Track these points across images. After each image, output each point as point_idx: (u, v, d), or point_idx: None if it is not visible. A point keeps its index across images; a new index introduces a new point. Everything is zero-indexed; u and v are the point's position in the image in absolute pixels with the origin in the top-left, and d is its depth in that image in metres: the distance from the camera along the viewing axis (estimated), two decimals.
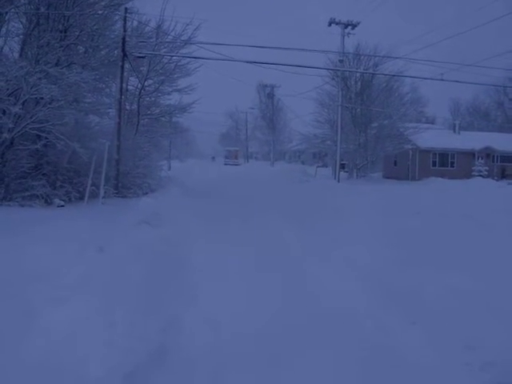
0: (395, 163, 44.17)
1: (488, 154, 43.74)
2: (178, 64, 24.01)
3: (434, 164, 42.43)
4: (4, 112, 13.75)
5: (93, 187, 15.62)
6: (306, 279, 7.56)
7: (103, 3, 17.73)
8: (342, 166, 39.52)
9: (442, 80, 24.99)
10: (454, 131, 48.23)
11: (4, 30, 15.85)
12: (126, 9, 18.61)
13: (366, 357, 4.82)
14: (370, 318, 5.84)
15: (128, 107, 23.46)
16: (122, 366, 4.21)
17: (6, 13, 15.42)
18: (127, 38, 19.09)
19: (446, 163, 42.76)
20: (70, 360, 4.24)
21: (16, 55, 16.10)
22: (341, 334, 5.37)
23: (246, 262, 8.46)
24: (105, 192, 15.92)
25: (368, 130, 39.11)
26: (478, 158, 42.99)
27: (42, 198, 14.56)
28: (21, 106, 13.77)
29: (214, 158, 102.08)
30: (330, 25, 35.44)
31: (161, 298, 6.18)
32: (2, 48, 15.91)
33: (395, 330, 5.46)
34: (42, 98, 14.17)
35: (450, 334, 5.27)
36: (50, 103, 14.25)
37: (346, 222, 13.15)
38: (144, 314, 5.45)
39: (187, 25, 22.15)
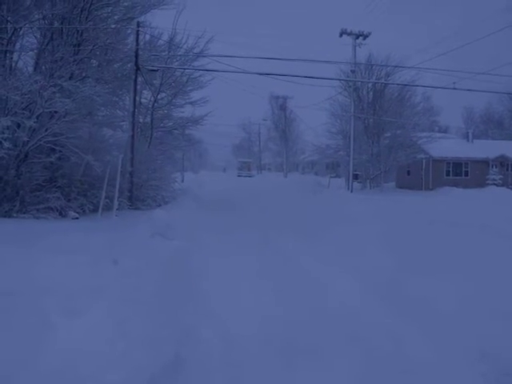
0: (408, 173, 43.98)
1: (502, 162, 43.45)
2: (191, 77, 24.20)
3: (448, 173, 42.21)
4: (19, 125, 13.88)
5: (107, 200, 15.69)
6: (318, 286, 7.51)
7: (116, 17, 17.97)
8: (355, 177, 39.45)
9: (455, 89, 24.93)
10: (468, 140, 48.04)
11: (18, 44, 16.10)
12: (138, 23, 18.80)
13: (378, 363, 4.78)
14: (381, 324, 5.80)
15: (141, 120, 23.63)
16: (137, 376, 4.20)
17: (21, 28, 15.65)
18: (140, 52, 19.27)
19: (459, 172, 42.52)
20: (86, 370, 4.23)
21: (30, 69, 16.30)
22: (351, 341, 5.32)
23: (263, 275, 8.43)
24: (119, 204, 15.99)
25: (381, 140, 39.07)
26: (492, 167, 42.71)
27: (57, 210, 14.65)
28: (35, 120, 13.89)
29: (225, 169, 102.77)
30: (341, 35, 35.47)
31: (176, 309, 6.16)
32: (17, 62, 16.12)
33: (406, 339, 5.40)
34: (56, 112, 14.30)
35: (464, 343, 5.20)
36: (64, 116, 14.39)
37: (360, 232, 13.05)
38: (159, 325, 5.43)
39: (199, 38, 22.38)
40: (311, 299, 6.89)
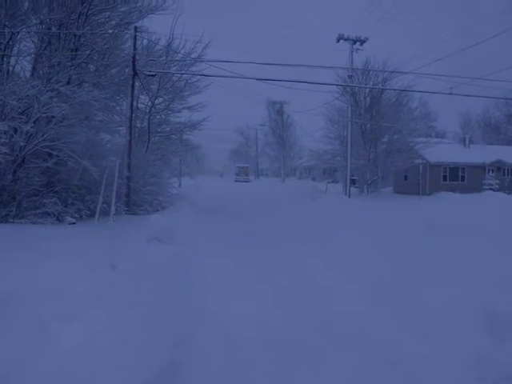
0: (406, 178, 44.01)
1: (498, 167, 43.55)
2: (188, 82, 24.18)
3: (445, 178, 42.25)
4: (16, 130, 13.86)
5: (104, 205, 15.66)
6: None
7: (113, 22, 17.96)
8: (353, 182, 39.42)
9: (452, 94, 24.97)
10: (464, 145, 48.10)
11: (16, 49, 16.08)
12: (135, 28, 18.78)
13: (378, 366, 4.78)
14: (380, 329, 5.79)
15: (139, 125, 23.61)
16: (134, 380, 4.19)
17: (18, 33, 15.65)
18: (137, 57, 19.24)
19: (456, 177, 42.56)
20: (83, 375, 4.22)
21: (28, 74, 16.30)
22: (351, 345, 5.30)
23: (260, 280, 8.41)
24: (116, 209, 15.96)
25: (378, 145, 39.02)
26: (489, 172, 42.78)
27: (54, 215, 14.62)
28: (32, 125, 13.88)
29: (222, 174, 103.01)
30: (338, 41, 35.43)
31: (172, 314, 6.14)
32: (14, 67, 16.12)
33: (405, 343, 5.39)
34: (53, 117, 14.29)
35: (462, 347, 5.19)
36: (61, 121, 14.38)
37: (359, 238, 13.00)
38: (156, 329, 5.41)
39: (197, 43, 22.36)
40: (305, 302, 6.88)
